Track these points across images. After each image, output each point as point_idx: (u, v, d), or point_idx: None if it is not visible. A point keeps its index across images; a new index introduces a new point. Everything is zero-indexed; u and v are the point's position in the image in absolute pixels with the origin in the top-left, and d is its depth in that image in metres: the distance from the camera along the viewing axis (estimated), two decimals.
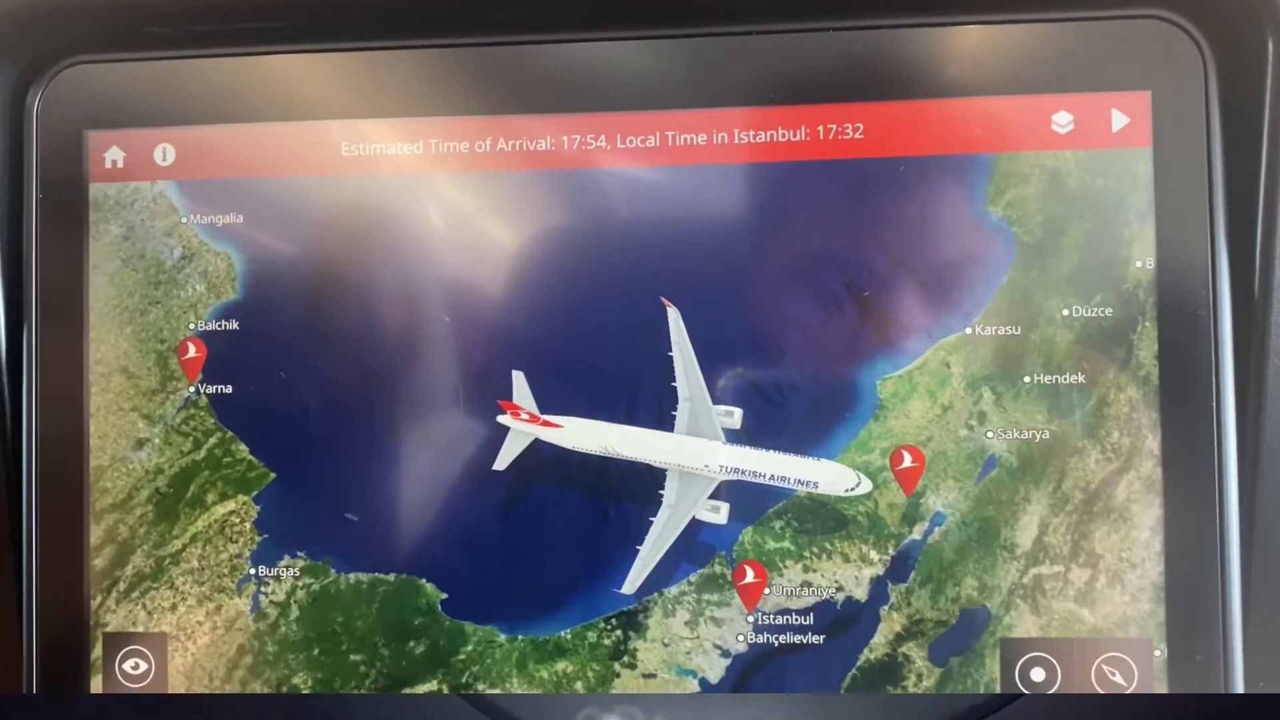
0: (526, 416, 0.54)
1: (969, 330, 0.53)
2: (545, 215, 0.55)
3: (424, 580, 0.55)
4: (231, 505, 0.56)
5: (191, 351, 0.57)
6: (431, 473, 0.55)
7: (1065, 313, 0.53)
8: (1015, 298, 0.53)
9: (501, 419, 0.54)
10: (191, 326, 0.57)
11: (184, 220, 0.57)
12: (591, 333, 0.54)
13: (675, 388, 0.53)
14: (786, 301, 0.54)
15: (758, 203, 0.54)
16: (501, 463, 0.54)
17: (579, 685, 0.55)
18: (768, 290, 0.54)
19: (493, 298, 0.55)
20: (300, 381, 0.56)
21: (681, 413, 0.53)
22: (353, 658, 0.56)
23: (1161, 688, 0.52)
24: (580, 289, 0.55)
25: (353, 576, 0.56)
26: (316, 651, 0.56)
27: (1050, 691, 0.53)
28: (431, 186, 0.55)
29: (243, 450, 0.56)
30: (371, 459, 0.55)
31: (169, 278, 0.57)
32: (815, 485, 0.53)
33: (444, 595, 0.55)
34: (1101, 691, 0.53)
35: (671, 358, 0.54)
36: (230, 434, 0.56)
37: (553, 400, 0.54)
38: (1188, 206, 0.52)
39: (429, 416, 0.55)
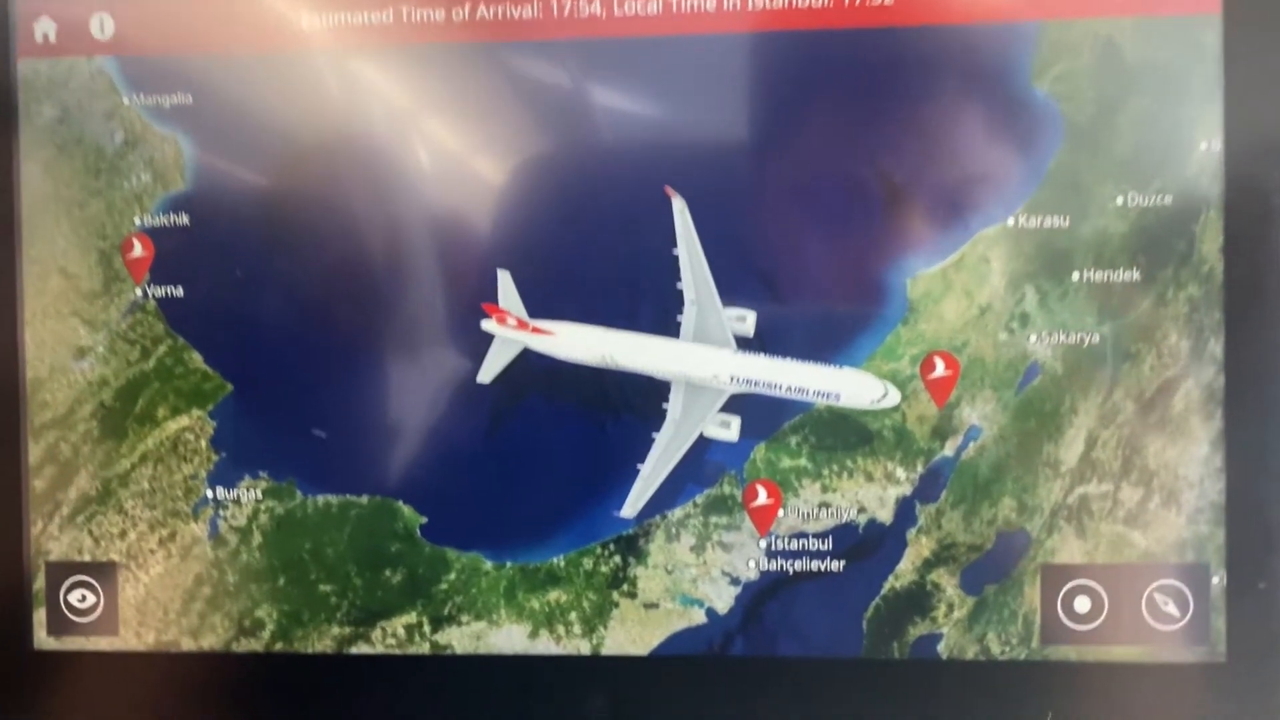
0: (514, 322, 0.48)
1: (1011, 222, 0.47)
2: (533, 93, 0.48)
3: (400, 503, 0.50)
4: (185, 420, 0.51)
5: (137, 249, 0.51)
6: (407, 385, 0.50)
7: (1119, 201, 0.47)
8: (1063, 184, 0.47)
9: (485, 325, 0.48)
10: (137, 221, 0.50)
11: (126, 101, 0.50)
12: (586, 227, 0.49)
13: (681, 289, 0.48)
14: (806, 190, 0.48)
15: (774, 78, 0.48)
16: (486, 374, 0.49)
17: (574, 616, 0.50)
18: (785, 178, 0.48)
19: (474, 187, 0.49)
20: (259, 282, 0.50)
21: (688, 317, 0.48)
22: (322, 588, 0.51)
23: (1219, 618, 0.47)
24: (573, 177, 0.49)
25: (321, 499, 0.50)
26: (282, 581, 0.51)
27: (1097, 623, 0.48)
28: (404, 61, 0.49)
29: (196, 359, 0.50)
30: (340, 369, 0.50)
31: (110, 166, 0.51)
32: (837, 397, 0.48)
33: (423, 519, 0.50)
34: (1153, 622, 0.48)
35: (676, 255, 0.48)
36: (182, 341, 0.50)
37: (543, 304, 0.48)
38: (1260, 80, 0.47)
39: (404, 322, 0.49)
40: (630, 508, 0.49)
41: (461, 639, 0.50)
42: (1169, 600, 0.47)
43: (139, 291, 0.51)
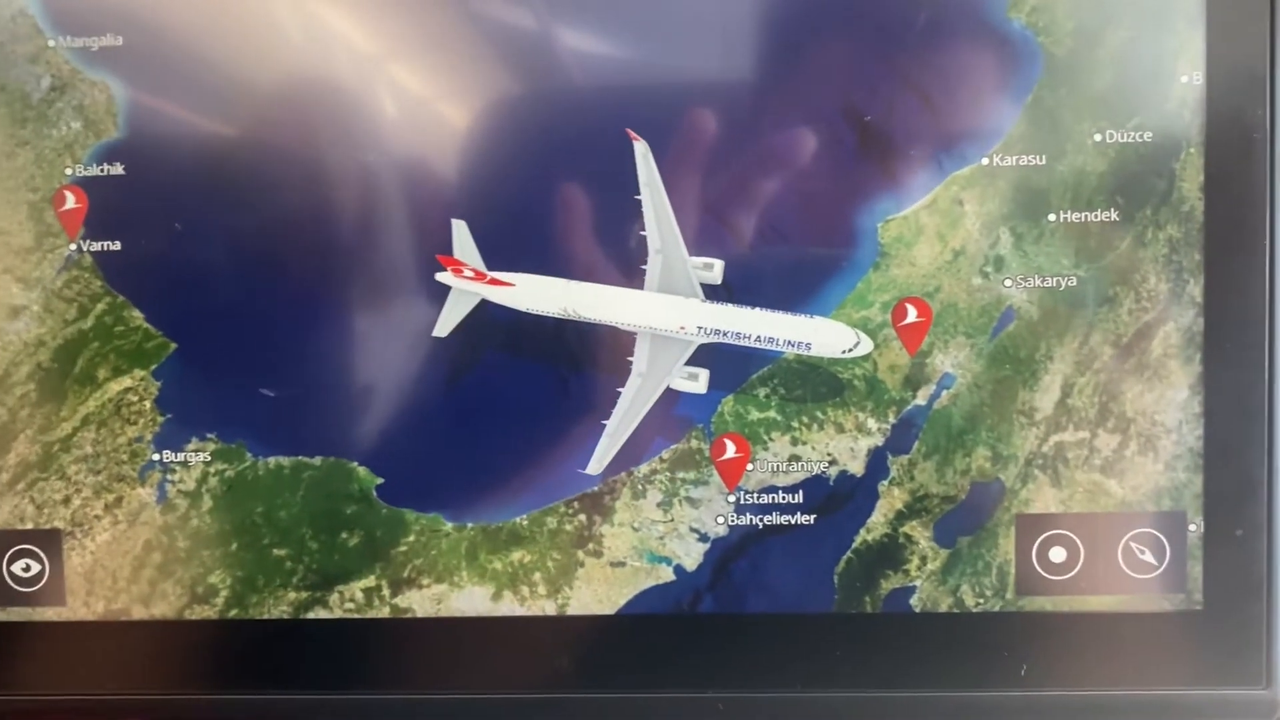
0: (470, 274, 0.46)
1: (986, 161, 0.46)
2: (488, 33, 0.46)
3: (355, 464, 0.48)
4: (127, 381, 0.48)
5: (70, 201, 0.48)
6: (360, 339, 0.48)
7: (1097, 138, 0.45)
8: (1040, 121, 0.45)
9: (441, 277, 0.46)
10: (68, 172, 0.48)
11: (51, 44, 0.47)
12: (546, 174, 0.46)
13: (645, 237, 0.46)
14: (773, 130, 0.46)
15: (742, 17, 0.46)
16: (442, 328, 0.47)
17: (538, 577, 0.48)
18: (751, 118, 0.46)
19: (430, 133, 0.47)
20: (200, 235, 0.47)
21: (652, 266, 0.46)
22: (276, 552, 0.49)
23: (1196, 566, 0.46)
24: (532, 123, 0.47)
25: (272, 461, 0.48)
26: (235, 546, 0.49)
27: (1072, 573, 0.47)
28: None
29: (137, 317, 0.48)
30: (288, 325, 0.48)
31: (37, 114, 0.48)
32: (808, 347, 0.46)
33: (379, 480, 0.48)
34: (1129, 571, 0.47)
35: (640, 201, 0.46)
36: (121, 299, 0.48)
37: (501, 254, 0.46)
38: (1245, 8, 0.44)
39: (354, 274, 0.47)
40: (595, 464, 0.47)
41: (422, 602, 0.48)
42: (1145, 549, 0.47)
43: (74, 247, 0.48)
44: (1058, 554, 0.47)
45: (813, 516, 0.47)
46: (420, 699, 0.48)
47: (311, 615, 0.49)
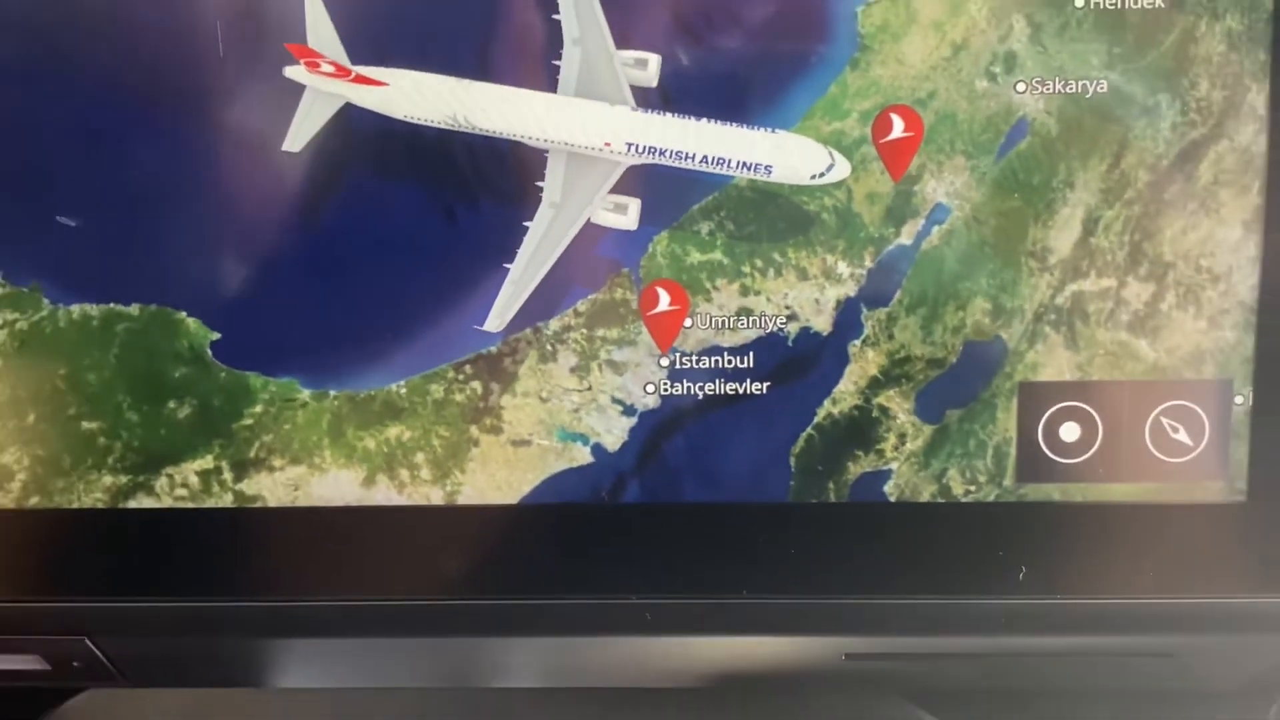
0: (330, 69, 0.37)
1: None
2: None
3: (183, 314, 0.39)
4: None
5: None
6: (186, 153, 0.37)
7: None
8: None
9: (292, 72, 0.37)
10: None
11: None
12: None
13: (558, 22, 0.37)
14: None
15: None
16: (295, 141, 0.38)
17: (421, 458, 0.40)
18: None
19: None
20: None
21: (569, 61, 0.38)
22: (86, 426, 0.39)
23: (1241, 447, 0.39)
24: None
25: (76, 309, 0.38)
26: (32, 418, 0.39)
27: (1087, 455, 0.39)
28: None
29: None
30: (91, 133, 0.37)
31: None
32: (767, 170, 0.38)
33: (215, 335, 0.39)
34: (1157, 453, 0.38)
35: None
36: None
37: (370, 43, 0.37)
38: None
39: (176, 66, 0.37)
40: (495, 319, 0.39)
41: (275, 488, 0.40)
42: (1179, 426, 0.39)
43: None
44: (1070, 431, 0.39)
45: (765, 384, 0.40)
46: (272, 606, 0.40)
47: (133, 504, 0.40)
